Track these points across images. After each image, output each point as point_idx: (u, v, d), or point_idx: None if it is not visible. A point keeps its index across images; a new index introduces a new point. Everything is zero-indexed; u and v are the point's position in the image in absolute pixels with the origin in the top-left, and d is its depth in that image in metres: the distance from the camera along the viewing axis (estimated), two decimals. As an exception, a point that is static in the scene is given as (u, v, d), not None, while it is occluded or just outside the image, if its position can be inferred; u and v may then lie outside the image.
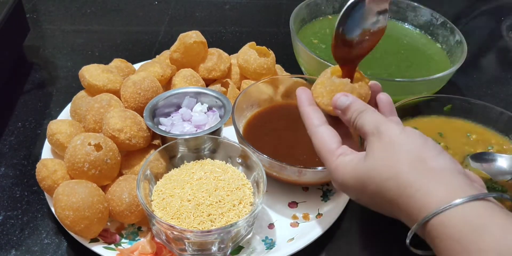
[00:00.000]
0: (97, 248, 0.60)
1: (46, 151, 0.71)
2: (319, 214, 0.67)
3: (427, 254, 0.47)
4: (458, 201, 0.40)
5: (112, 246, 0.61)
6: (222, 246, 0.58)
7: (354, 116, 0.50)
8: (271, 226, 0.66)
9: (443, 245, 0.41)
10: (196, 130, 0.70)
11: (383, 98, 0.54)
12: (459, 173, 0.43)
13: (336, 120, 0.54)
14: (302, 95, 0.55)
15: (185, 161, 0.65)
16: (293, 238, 0.63)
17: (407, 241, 0.45)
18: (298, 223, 0.66)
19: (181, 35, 0.79)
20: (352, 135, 0.56)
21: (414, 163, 0.44)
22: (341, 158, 0.49)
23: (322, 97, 0.53)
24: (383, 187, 0.45)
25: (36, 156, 0.74)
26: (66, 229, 0.60)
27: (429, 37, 0.92)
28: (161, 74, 0.77)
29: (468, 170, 0.49)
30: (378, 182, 0.45)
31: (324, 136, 0.51)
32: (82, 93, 0.76)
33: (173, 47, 0.80)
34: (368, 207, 0.50)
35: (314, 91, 0.54)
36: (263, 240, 0.64)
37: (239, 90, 0.82)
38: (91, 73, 0.73)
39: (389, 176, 0.44)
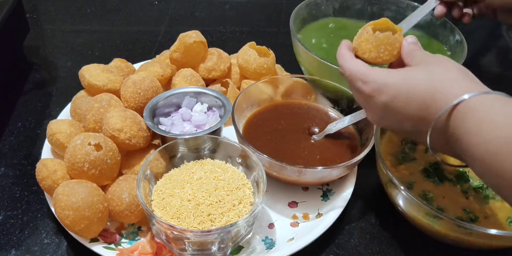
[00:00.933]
0: (97, 248, 0.60)
1: (46, 151, 0.71)
2: (319, 214, 0.67)
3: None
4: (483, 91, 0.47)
5: (112, 246, 0.61)
6: (222, 246, 0.58)
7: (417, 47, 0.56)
8: (271, 226, 0.66)
9: (470, 124, 0.45)
10: (196, 130, 0.70)
11: (410, 39, 0.58)
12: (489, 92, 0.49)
13: None
14: (344, 46, 0.59)
15: (185, 161, 0.65)
16: (293, 238, 0.63)
17: (428, 139, 0.50)
18: (298, 223, 0.66)
19: (181, 35, 0.79)
20: None
21: (465, 77, 0.50)
22: (377, 69, 0.54)
23: (370, 52, 0.57)
24: (430, 93, 0.49)
25: (36, 156, 0.74)
26: (66, 229, 0.60)
27: (429, 37, 0.92)
28: (161, 74, 0.77)
29: None
30: (424, 89, 0.49)
31: (358, 63, 0.56)
32: (82, 93, 0.76)
33: (173, 47, 0.80)
34: (390, 117, 0.53)
35: (359, 48, 0.58)
36: (263, 240, 0.64)
37: (239, 90, 0.82)
38: (91, 73, 0.73)
39: (439, 85, 0.49)
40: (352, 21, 0.96)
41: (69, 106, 0.77)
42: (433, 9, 0.84)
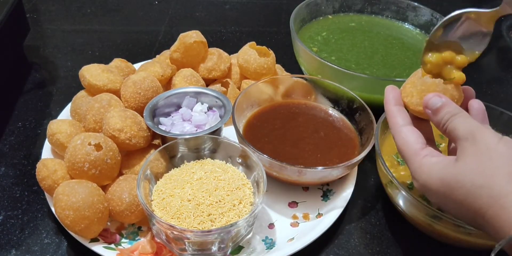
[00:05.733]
0: (97, 248, 0.60)
1: (46, 151, 0.71)
2: (319, 214, 0.67)
3: None
4: None
5: (112, 246, 0.61)
6: (222, 246, 0.58)
7: (446, 118, 0.48)
8: (271, 226, 0.66)
9: None
10: (196, 130, 0.70)
11: (476, 105, 0.52)
12: None
13: (421, 123, 0.53)
14: (390, 93, 0.53)
15: (185, 161, 0.65)
16: (293, 238, 0.63)
17: (492, 255, 0.42)
18: (298, 223, 0.66)
19: (181, 35, 0.79)
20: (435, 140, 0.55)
21: (511, 175, 0.41)
22: (427, 159, 0.47)
23: (412, 96, 0.51)
24: (474, 193, 0.43)
25: (36, 156, 0.74)
26: (66, 229, 0.60)
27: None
28: (161, 74, 0.77)
29: None
30: (469, 188, 0.43)
31: (409, 135, 0.50)
32: (82, 93, 0.76)
33: (173, 47, 0.80)
34: (448, 212, 0.48)
35: (403, 91, 0.52)
36: (263, 240, 0.64)
37: (239, 90, 0.82)
38: (91, 73, 0.73)
39: (483, 184, 0.42)
40: (352, 21, 0.96)
41: (69, 106, 0.77)
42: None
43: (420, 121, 0.53)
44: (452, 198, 0.45)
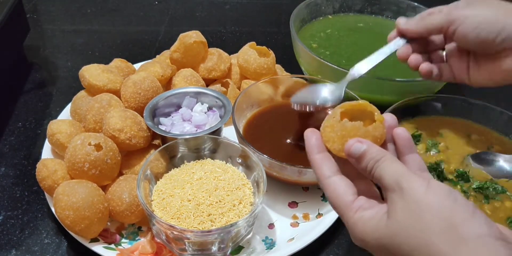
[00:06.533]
0: (97, 248, 0.60)
1: (46, 151, 0.71)
2: (319, 214, 0.67)
3: None
4: None
5: (112, 246, 0.61)
6: (222, 246, 0.58)
7: (370, 166, 0.46)
8: (271, 226, 0.66)
9: None
10: (196, 130, 0.70)
11: (401, 133, 0.48)
12: (496, 240, 0.39)
13: (349, 164, 0.49)
14: (311, 140, 0.50)
15: (185, 161, 0.65)
16: (293, 238, 0.63)
17: None
18: (298, 223, 0.66)
19: (181, 35, 0.79)
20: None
21: (445, 231, 0.39)
22: (360, 214, 0.45)
23: (333, 142, 0.48)
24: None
25: (36, 156, 0.74)
26: (66, 229, 0.60)
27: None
28: (161, 74, 0.77)
29: (504, 228, 0.45)
30: (406, 251, 0.41)
31: (337, 188, 0.46)
32: (82, 93, 0.76)
33: (173, 47, 0.80)
34: None
35: (323, 135, 0.49)
36: (263, 240, 0.64)
37: (239, 90, 0.82)
38: (91, 73, 0.73)
39: (418, 245, 0.40)
40: (352, 21, 0.96)
41: (69, 106, 0.77)
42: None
43: (347, 161, 0.49)
44: None
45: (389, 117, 0.49)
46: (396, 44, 0.66)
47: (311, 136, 0.50)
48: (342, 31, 0.93)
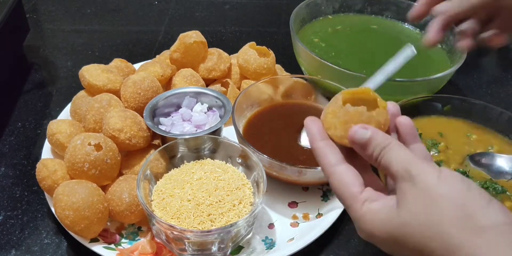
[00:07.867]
0: (97, 248, 0.60)
1: (46, 151, 0.71)
2: (319, 214, 0.67)
3: None
4: None
5: (112, 246, 0.61)
6: (222, 246, 0.58)
7: (376, 153, 0.43)
8: (271, 226, 0.66)
9: None
10: (196, 130, 0.70)
11: (405, 121, 0.46)
12: None
13: (351, 151, 0.47)
14: (312, 128, 0.47)
15: (185, 161, 0.65)
16: (293, 238, 0.63)
17: None
18: (298, 223, 0.66)
19: (181, 35, 0.79)
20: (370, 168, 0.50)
21: (460, 220, 0.37)
22: (368, 206, 0.43)
23: (335, 128, 0.45)
24: (425, 247, 0.39)
25: (36, 156, 0.74)
26: (66, 229, 0.60)
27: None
28: (161, 74, 0.77)
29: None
30: (419, 241, 0.39)
31: (344, 178, 0.44)
32: (82, 93, 0.76)
33: (173, 47, 0.80)
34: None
35: (325, 122, 0.46)
36: (263, 240, 0.64)
37: (239, 90, 0.82)
38: (91, 73, 0.73)
39: (432, 235, 0.38)
40: (352, 20, 0.96)
41: (69, 106, 0.77)
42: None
43: (352, 151, 0.47)
44: (404, 249, 0.41)
45: (391, 106, 0.47)
46: (405, 56, 0.64)
47: (311, 123, 0.47)
48: (342, 31, 0.93)
